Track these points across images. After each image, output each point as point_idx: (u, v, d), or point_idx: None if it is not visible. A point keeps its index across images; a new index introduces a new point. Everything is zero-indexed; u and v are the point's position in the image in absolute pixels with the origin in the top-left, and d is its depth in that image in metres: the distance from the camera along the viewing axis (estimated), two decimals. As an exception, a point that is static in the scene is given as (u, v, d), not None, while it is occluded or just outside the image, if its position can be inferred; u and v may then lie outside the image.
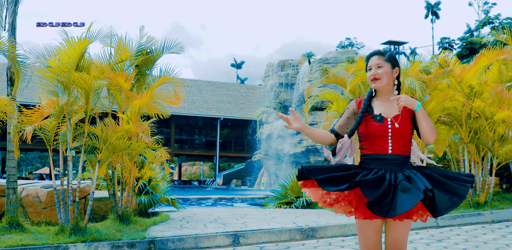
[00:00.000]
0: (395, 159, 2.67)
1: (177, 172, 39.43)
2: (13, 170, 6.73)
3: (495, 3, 46.15)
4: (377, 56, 2.79)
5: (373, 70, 2.78)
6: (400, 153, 2.69)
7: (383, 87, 2.79)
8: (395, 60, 2.80)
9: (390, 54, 2.80)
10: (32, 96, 21.65)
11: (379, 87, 2.78)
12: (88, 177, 15.53)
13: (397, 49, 45.38)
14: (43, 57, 6.26)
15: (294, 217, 8.04)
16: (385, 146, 2.69)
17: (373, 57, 2.80)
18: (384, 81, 2.76)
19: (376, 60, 2.78)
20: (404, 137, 2.70)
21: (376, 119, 2.73)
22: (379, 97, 2.83)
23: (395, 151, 2.68)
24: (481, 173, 9.31)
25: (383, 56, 2.78)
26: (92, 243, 5.76)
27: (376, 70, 2.77)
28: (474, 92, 9.20)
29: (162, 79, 7.54)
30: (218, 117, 32.62)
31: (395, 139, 2.69)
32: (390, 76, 2.77)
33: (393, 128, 2.69)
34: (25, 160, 63.55)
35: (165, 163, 8.52)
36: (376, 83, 2.77)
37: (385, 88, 2.80)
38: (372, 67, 2.79)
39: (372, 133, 2.72)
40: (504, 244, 5.93)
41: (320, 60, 23.99)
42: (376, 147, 2.71)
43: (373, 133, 2.71)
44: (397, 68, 2.79)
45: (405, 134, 2.70)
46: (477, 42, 19.56)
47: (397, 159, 2.68)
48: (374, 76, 2.77)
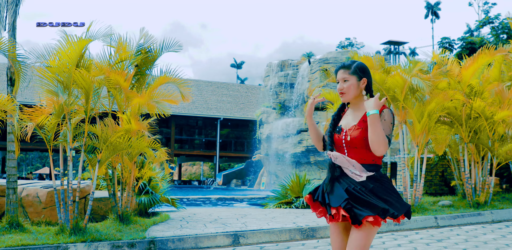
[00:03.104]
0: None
1: (177, 172, 39.44)
2: (13, 170, 6.74)
3: (495, 3, 46.20)
4: (343, 70, 2.86)
5: (339, 84, 2.87)
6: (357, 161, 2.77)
7: (352, 100, 2.88)
8: (362, 71, 2.85)
9: (356, 66, 2.84)
10: (32, 96, 21.64)
11: (346, 100, 2.88)
12: (88, 177, 15.52)
13: (397, 49, 45.37)
14: (43, 57, 6.26)
15: (294, 217, 8.04)
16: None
17: (339, 71, 2.88)
18: (350, 94, 2.85)
19: (342, 74, 2.86)
20: (357, 148, 2.77)
21: (336, 130, 2.88)
22: (350, 108, 2.94)
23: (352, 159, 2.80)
24: (481, 173, 9.31)
25: (348, 69, 2.84)
26: (92, 243, 5.76)
27: (342, 84, 2.85)
28: (474, 91, 9.20)
29: (162, 78, 7.54)
30: (218, 117, 32.63)
31: (350, 150, 2.80)
32: (356, 88, 2.84)
33: (345, 140, 2.80)
34: (25, 160, 63.56)
35: (165, 163, 8.52)
36: (343, 98, 2.88)
37: (355, 100, 2.88)
38: (339, 81, 2.88)
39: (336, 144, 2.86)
40: (504, 244, 5.93)
41: (320, 60, 23.99)
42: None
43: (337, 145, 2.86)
44: (365, 78, 2.84)
45: (358, 145, 2.76)
46: (477, 42, 19.59)
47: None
48: (341, 91, 2.87)
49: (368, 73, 2.87)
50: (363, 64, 2.88)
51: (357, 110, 2.88)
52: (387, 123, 2.74)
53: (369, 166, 2.76)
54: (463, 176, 9.27)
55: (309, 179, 10.46)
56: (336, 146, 2.86)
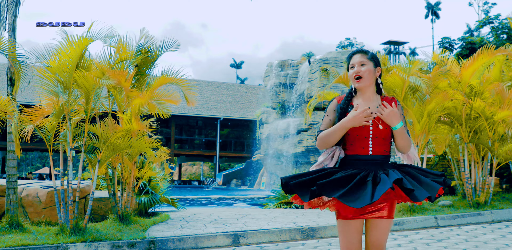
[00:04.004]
0: (375, 159, 2.65)
1: (177, 172, 39.44)
2: (13, 170, 6.74)
3: (495, 3, 46.24)
4: (360, 54, 2.74)
5: (356, 67, 2.71)
6: (380, 153, 2.67)
7: (365, 87, 2.73)
8: (377, 59, 2.76)
9: (372, 53, 2.76)
10: (32, 96, 21.62)
11: (362, 86, 2.72)
12: (88, 177, 15.52)
13: (397, 49, 45.38)
14: (43, 57, 6.26)
15: (294, 217, 8.04)
16: (365, 147, 2.67)
17: (355, 55, 2.75)
18: (367, 80, 2.70)
19: (359, 58, 2.72)
20: (385, 139, 2.68)
21: None
22: (361, 97, 2.77)
23: (375, 152, 2.67)
24: (481, 173, 9.31)
25: (366, 55, 2.74)
26: (92, 243, 5.76)
27: (359, 67, 2.70)
28: (474, 91, 9.19)
29: (163, 78, 7.54)
30: (218, 117, 32.64)
31: (375, 141, 2.66)
32: (372, 75, 2.72)
33: (374, 130, 2.66)
34: (25, 160, 63.53)
35: (165, 163, 8.52)
36: (359, 83, 2.70)
37: (367, 88, 2.74)
38: (355, 65, 2.72)
39: (352, 134, 2.68)
40: (504, 244, 5.93)
41: (320, 60, 23.99)
42: (356, 148, 2.69)
43: (354, 135, 2.67)
44: (379, 67, 2.74)
45: (386, 136, 2.68)
46: (477, 42, 19.59)
47: (377, 159, 2.66)
48: (357, 74, 2.69)
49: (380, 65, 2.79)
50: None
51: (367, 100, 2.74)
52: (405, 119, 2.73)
53: (388, 157, 2.70)
54: (463, 176, 9.27)
55: (309, 179, 10.45)
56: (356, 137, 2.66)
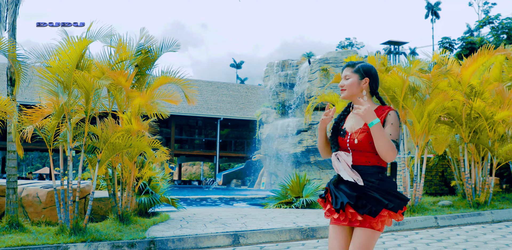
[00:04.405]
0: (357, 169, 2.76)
1: (177, 172, 39.44)
2: (13, 170, 6.74)
3: (495, 3, 46.26)
4: (347, 67, 2.89)
5: (341, 81, 2.90)
6: (362, 163, 2.77)
7: (351, 98, 2.88)
8: (365, 71, 2.85)
9: (361, 65, 2.86)
10: (32, 96, 21.64)
11: (345, 97, 2.89)
12: (88, 177, 15.54)
13: (397, 49, 45.39)
14: (43, 57, 6.26)
15: (294, 217, 8.05)
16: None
17: (344, 69, 2.91)
18: (349, 91, 2.85)
19: (345, 71, 2.88)
20: (363, 151, 2.76)
21: (340, 133, 2.86)
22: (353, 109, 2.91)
23: (356, 162, 2.78)
24: (481, 173, 9.31)
25: (352, 68, 2.87)
26: (92, 243, 5.76)
27: (343, 81, 2.87)
28: (474, 91, 9.20)
29: (163, 78, 7.54)
30: (218, 117, 32.62)
31: (355, 153, 2.78)
32: (356, 87, 2.84)
33: (351, 143, 2.79)
34: (25, 160, 63.52)
35: (165, 163, 8.52)
36: (342, 93, 2.89)
37: (354, 98, 2.86)
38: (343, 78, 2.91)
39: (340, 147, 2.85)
40: (504, 244, 5.93)
41: (320, 60, 23.98)
42: None
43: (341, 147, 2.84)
44: (367, 78, 2.84)
45: (364, 148, 2.75)
46: (477, 42, 19.59)
47: (360, 169, 2.76)
48: (341, 87, 2.88)
49: (373, 75, 2.86)
50: (369, 65, 2.88)
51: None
52: (394, 127, 2.71)
53: (373, 167, 2.74)
54: (463, 176, 9.27)
55: (309, 179, 10.47)
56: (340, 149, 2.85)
